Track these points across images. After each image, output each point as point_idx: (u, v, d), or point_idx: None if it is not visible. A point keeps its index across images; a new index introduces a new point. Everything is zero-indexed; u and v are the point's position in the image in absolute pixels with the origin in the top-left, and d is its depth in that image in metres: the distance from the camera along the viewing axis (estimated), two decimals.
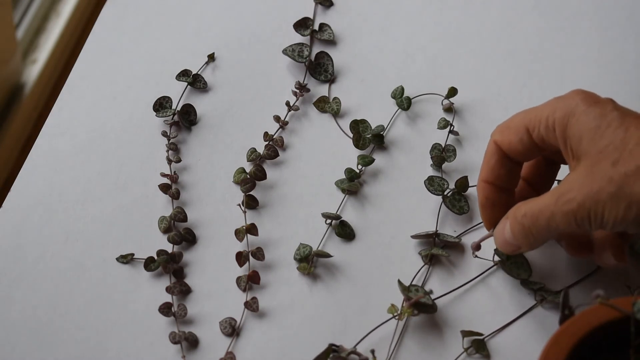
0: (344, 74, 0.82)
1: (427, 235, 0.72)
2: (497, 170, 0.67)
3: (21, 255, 0.72)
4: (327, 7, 0.87)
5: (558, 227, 0.61)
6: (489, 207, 0.67)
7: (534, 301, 0.70)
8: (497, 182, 0.67)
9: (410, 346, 0.68)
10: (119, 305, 0.69)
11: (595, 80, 0.81)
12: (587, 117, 0.61)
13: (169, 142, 0.77)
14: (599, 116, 0.60)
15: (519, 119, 0.65)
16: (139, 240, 0.73)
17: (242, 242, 0.72)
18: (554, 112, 0.63)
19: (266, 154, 0.76)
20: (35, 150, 0.77)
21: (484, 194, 0.67)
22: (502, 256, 0.70)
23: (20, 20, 1.34)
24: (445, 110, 0.80)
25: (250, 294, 0.70)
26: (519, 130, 0.65)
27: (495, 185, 0.67)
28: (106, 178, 0.76)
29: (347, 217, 0.74)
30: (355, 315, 0.69)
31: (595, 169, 0.59)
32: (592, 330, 0.58)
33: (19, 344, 0.68)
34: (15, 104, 1.29)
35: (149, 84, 0.81)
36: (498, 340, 0.68)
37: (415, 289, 0.69)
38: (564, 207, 0.60)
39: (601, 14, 0.86)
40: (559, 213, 0.60)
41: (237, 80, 0.82)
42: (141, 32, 0.85)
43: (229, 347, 0.68)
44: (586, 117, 0.61)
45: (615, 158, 0.59)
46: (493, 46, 0.84)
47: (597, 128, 0.60)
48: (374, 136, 0.77)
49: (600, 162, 0.59)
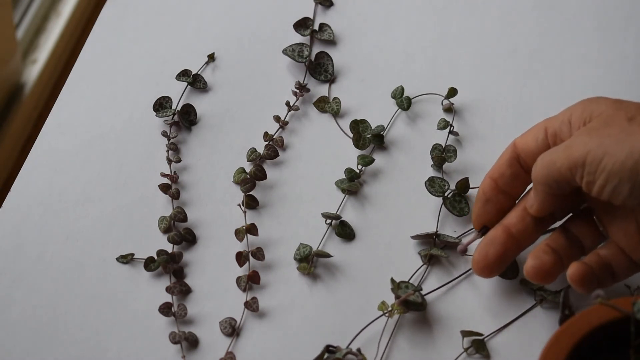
0: (344, 74, 0.82)
1: (427, 236, 0.72)
2: (503, 168, 0.67)
3: (21, 255, 0.72)
4: (327, 7, 0.87)
5: (560, 170, 0.61)
6: (482, 200, 0.68)
7: (533, 301, 0.70)
8: (499, 180, 0.67)
9: (402, 344, 0.68)
10: (119, 305, 0.69)
11: (595, 80, 0.81)
12: (607, 104, 0.62)
13: (169, 142, 0.77)
14: (619, 105, 0.62)
15: (541, 121, 0.66)
16: (139, 240, 0.73)
17: (242, 242, 0.72)
18: (575, 110, 0.64)
19: (266, 154, 0.76)
20: (35, 150, 0.78)
21: (483, 187, 0.68)
22: None
23: (20, 20, 1.34)
24: (445, 110, 0.80)
25: (250, 294, 0.70)
26: (538, 129, 0.66)
27: (497, 183, 0.67)
28: (106, 178, 0.76)
29: (347, 217, 0.74)
30: (355, 315, 0.69)
31: (609, 120, 0.60)
32: (592, 330, 0.58)
33: (19, 344, 0.68)
34: (15, 104, 1.29)
35: (149, 84, 0.81)
36: (498, 340, 0.68)
37: (406, 285, 0.69)
38: (567, 150, 0.61)
39: (601, 14, 0.86)
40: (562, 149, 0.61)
41: (237, 80, 0.82)
42: (141, 32, 0.85)
43: (229, 347, 0.68)
44: (606, 106, 0.62)
45: (632, 115, 0.60)
46: (493, 46, 0.84)
47: (616, 102, 0.62)
48: (374, 136, 0.77)
49: (616, 115, 0.60)
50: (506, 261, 0.66)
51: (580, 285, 0.63)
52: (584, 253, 0.66)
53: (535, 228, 0.66)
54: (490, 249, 0.66)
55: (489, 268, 0.66)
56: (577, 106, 0.64)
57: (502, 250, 0.66)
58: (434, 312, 0.69)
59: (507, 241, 0.66)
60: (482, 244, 0.66)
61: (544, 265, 0.64)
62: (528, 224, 0.66)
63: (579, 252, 0.66)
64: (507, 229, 0.66)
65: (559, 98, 0.78)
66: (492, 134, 0.78)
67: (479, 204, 0.68)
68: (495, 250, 0.66)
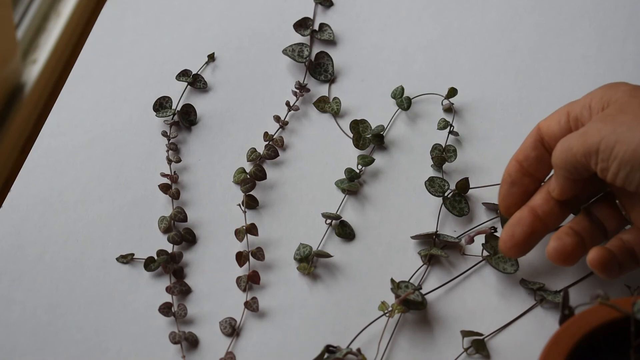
0: (344, 74, 0.82)
1: (427, 236, 0.72)
2: (528, 151, 0.67)
3: (21, 255, 0.72)
4: (327, 7, 0.87)
5: (576, 156, 0.61)
6: (507, 183, 0.68)
7: (533, 301, 0.70)
8: (524, 162, 0.67)
9: (402, 344, 0.68)
10: (119, 305, 0.69)
11: (596, 80, 0.81)
12: (624, 90, 0.63)
13: (169, 142, 0.77)
14: (635, 92, 0.62)
15: (565, 105, 0.67)
16: (139, 240, 0.73)
17: (242, 242, 0.72)
18: (595, 95, 0.64)
19: (266, 154, 0.76)
20: (35, 150, 0.77)
21: (509, 170, 0.68)
22: (489, 251, 0.70)
23: (20, 20, 1.34)
24: (445, 110, 0.80)
25: (250, 294, 0.70)
26: (561, 113, 0.66)
27: (522, 165, 0.67)
28: (106, 178, 0.76)
29: (347, 217, 0.74)
30: (355, 315, 0.69)
31: (624, 107, 0.61)
32: (592, 330, 0.58)
33: (19, 344, 0.68)
34: (15, 104, 1.29)
35: (149, 84, 0.81)
36: (498, 340, 0.68)
37: (406, 285, 0.69)
38: (582, 136, 0.61)
39: (601, 14, 0.86)
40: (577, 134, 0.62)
41: (237, 80, 0.82)
42: (141, 32, 0.85)
43: (229, 347, 0.68)
44: (622, 92, 0.63)
45: None
46: (493, 46, 0.84)
47: (634, 88, 0.63)
48: (374, 136, 0.77)
49: (631, 102, 0.61)
50: (533, 241, 0.66)
51: (601, 270, 0.63)
52: (607, 237, 0.66)
53: (560, 210, 0.66)
54: (517, 229, 0.66)
55: (516, 247, 0.66)
56: (598, 91, 0.64)
57: (528, 231, 0.66)
58: (434, 312, 0.69)
59: (534, 222, 0.66)
60: (509, 224, 0.67)
61: (566, 247, 0.64)
62: (553, 206, 0.66)
63: (602, 236, 0.66)
64: (533, 210, 0.66)
65: (559, 98, 0.78)
66: (492, 134, 0.78)
67: (505, 186, 0.68)
68: (522, 230, 0.66)
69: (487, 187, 0.75)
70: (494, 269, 0.71)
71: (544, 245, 0.70)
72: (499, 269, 0.70)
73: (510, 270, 0.70)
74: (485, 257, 0.71)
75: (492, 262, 0.70)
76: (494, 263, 0.70)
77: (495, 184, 0.74)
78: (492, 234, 0.71)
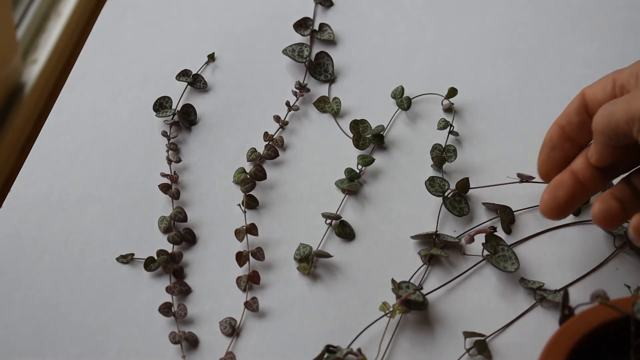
0: (344, 74, 0.82)
1: (427, 236, 0.72)
2: (571, 115, 0.67)
3: (21, 255, 0.72)
4: (327, 7, 0.87)
5: (618, 122, 0.61)
6: (548, 147, 0.67)
7: (533, 301, 0.70)
8: (566, 127, 0.67)
9: (403, 345, 0.68)
10: (119, 305, 0.69)
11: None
12: None
13: (169, 142, 0.77)
14: None
15: (611, 72, 0.66)
16: (139, 240, 0.73)
17: (242, 242, 0.72)
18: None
19: (266, 154, 0.76)
20: (35, 150, 0.77)
21: (550, 134, 0.67)
22: (489, 250, 0.70)
23: (20, 20, 1.34)
24: (445, 110, 0.80)
25: (250, 294, 0.70)
26: (607, 80, 0.66)
27: (564, 130, 0.67)
28: (106, 178, 0.76)
29: (347, 217, 0.74)
30: (356, 315, 0.69)
31: None
32: (592, 330, 0.58)
33: (19, 344, 0.68)
34: (15, 104, 1.29)
35: (149, 84, 0.81)
36: (498, 340, 0.68)
37: (406, 285, 0.69)
38: (626, 103, 0.61)
39: (601, 14, 0.86)
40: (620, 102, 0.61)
41: (237, 80, 0.82)
42: (141, 32, 0.85)
43: (229, 347, 0.68)
44: None
45: None
46: (493, 46, 0.84)
47: None
48: (374, 136, 0.77)
49: None
50: (574, 205, 0.66)
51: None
52: None
53: (600, 177, 0.66)
54: (559, 191, 0.65)
55: (558, 209, 0.66)
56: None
57: (570, 193, 0.65)
58: (435, 312, 0.69)
59: (575, 185, 0.65)
60: (551, 186, 0.66)
61: (612, 209, 0.64)
62: (593, 172, 0.66)
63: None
64: (574, 173, 0.66)
65: (559, 98, 0.78)
66: (492, 134, 0.78)
67: (545, 151, 0.67)
68: (565, 192, 0.65)
69: (487, 187, 0.75)
70: (494, 269, 0.71)
71: (544, 244, 0.70)
72: (500, 267, 0.70)
73: (511, 268, 0.70)
74: (486, 256, 0.71)
75: (493, 262, 0.70)
76: (495, 262, 0.70)
77: (495, 184, 0.74)
78: (492, 234, 0.71)
